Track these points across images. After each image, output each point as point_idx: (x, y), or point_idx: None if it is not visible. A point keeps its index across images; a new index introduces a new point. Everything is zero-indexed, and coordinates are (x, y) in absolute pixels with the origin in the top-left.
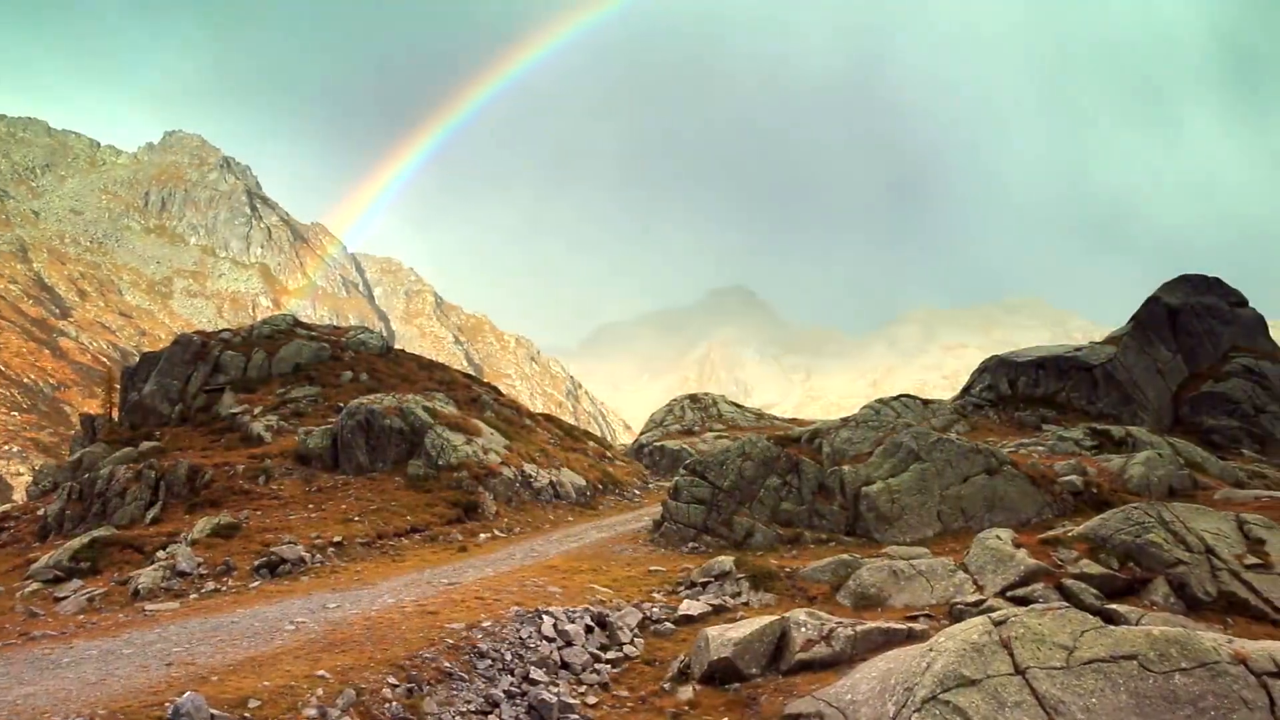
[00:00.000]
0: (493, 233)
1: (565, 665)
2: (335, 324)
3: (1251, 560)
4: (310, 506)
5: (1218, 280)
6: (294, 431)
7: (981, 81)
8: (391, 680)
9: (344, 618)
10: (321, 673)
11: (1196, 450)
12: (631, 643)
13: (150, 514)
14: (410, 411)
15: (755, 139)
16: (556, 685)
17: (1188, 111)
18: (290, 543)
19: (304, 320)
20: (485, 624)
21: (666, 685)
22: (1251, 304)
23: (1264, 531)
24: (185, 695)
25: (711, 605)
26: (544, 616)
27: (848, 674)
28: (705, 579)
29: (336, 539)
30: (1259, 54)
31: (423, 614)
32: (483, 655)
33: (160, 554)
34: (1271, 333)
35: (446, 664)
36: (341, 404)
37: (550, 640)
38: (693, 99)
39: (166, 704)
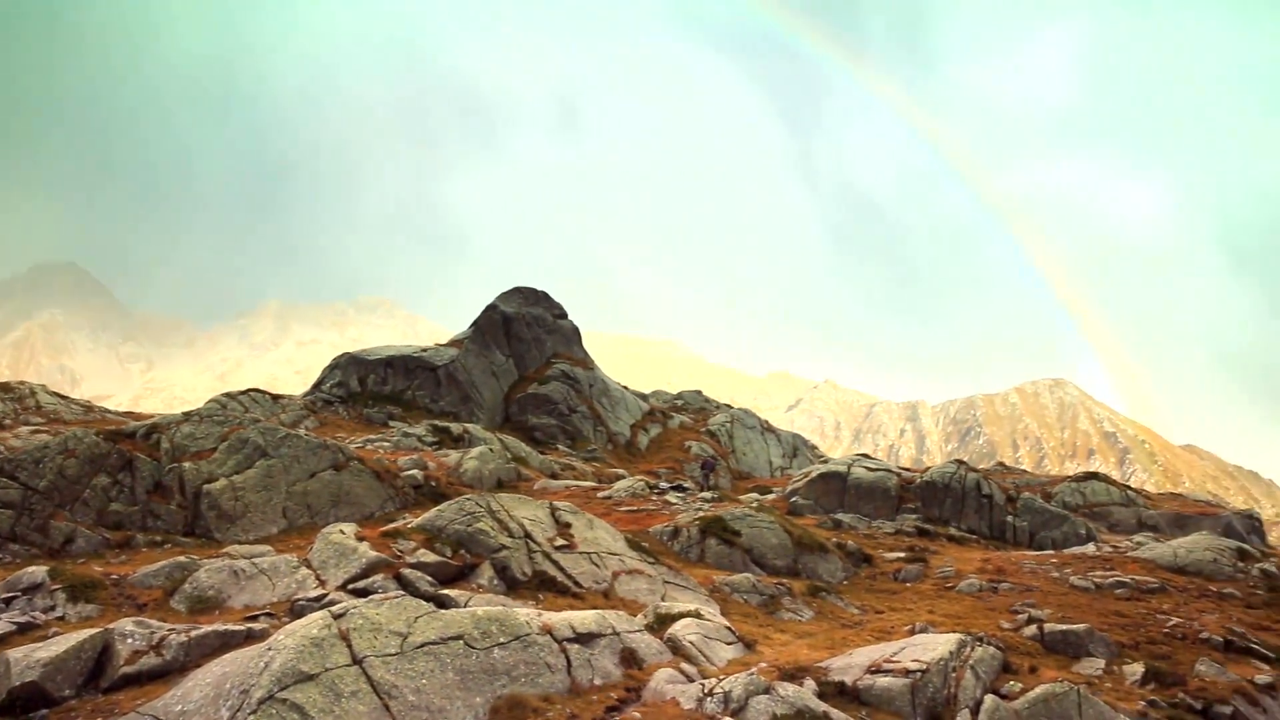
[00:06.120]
0: None
1: None
2: None
3: (560, 542)
4: None
5: (545, 294)
6: None
7: (349, 91)
8: None
9: None
10: None
11: (522, 445)
12: None
13: None
14: None
15: (110, 110)
16: None
17: (518, 145)
18: None
19: None
20: None
21: None
22: (570, 316)
23: (570, 516)
24: None
25: (16, 624)
26: None
27: (180, 683)
28: (10, 594)
29: None
30: (578, 106)
31: None
32: None
33: None
34: (584, 342)
35: None
36: None
37: None
38: (42, 58)
39: None
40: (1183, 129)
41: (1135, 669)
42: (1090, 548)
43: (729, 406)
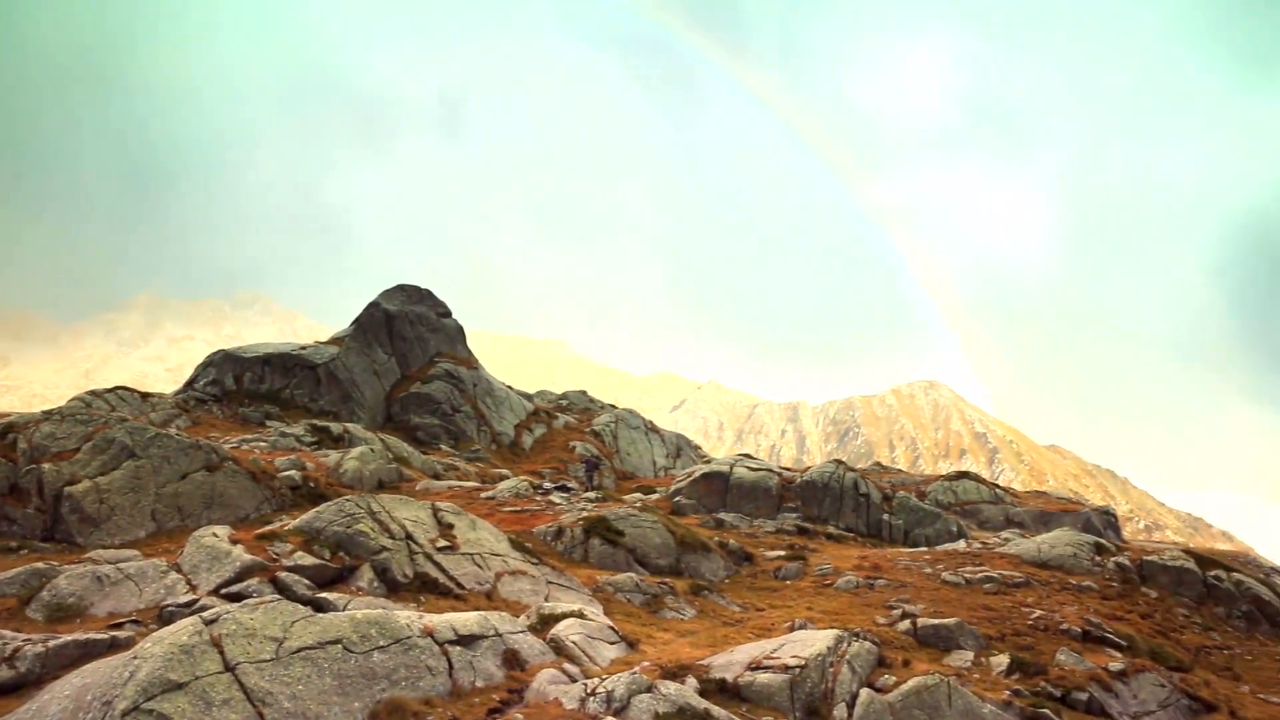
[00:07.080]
0: None
1: None
2: None
3: (442, 543)
4: None
5: (429, 292)
6: None
7: (232, 84)
8: None
9: None
10: None
11: (404, 445)
12: None
13: None
14: None
15: None
16: None
17: (402, 143)
18: None
19: None
20: None
21: None
22: (454, 315)
23: (453, 517)
24: None
25: None
26: None
27: (35, 697)
28: None
29: None
30: (461, 104)
31: None
32: None
33: None
34: (469, 341)
35: None
36: None
37: None
38: None
39: None
40: (1053, 135)
41: (1001, 660)
42: (961, 544)
43: (614, 407)
